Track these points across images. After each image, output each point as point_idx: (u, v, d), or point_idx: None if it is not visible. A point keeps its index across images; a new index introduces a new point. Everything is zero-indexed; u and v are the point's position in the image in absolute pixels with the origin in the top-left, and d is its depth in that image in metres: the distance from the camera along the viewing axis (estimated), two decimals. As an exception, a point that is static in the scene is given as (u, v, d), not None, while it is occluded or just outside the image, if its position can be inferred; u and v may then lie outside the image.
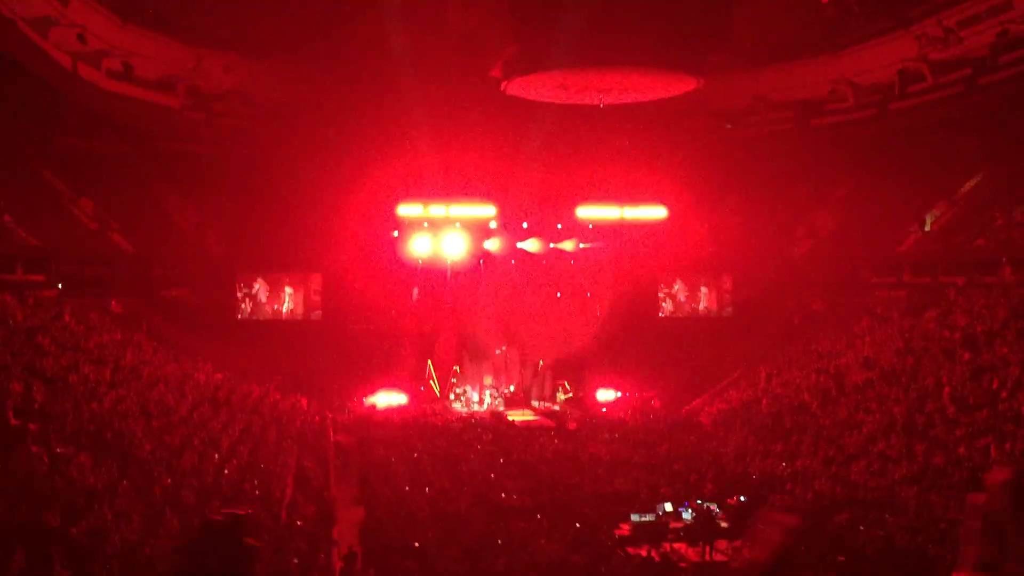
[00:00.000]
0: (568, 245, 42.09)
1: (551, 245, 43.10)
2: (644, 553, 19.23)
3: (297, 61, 38.28)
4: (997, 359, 24.91)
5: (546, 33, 27.81)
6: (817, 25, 37.39)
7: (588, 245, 42.32)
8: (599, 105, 33.54)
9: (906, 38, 35.13)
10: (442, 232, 41.49)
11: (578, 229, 42.21)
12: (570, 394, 39.16)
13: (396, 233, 40.92)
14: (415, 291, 41.44)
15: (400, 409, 35.77)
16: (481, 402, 38.29)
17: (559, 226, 41.90)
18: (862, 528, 18.81)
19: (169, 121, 38.33)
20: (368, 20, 34.39)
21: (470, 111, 37.80)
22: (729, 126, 42.60)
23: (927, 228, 36.08)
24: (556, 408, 37.66)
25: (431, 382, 38.85)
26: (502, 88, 32.65)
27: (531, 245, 41.98)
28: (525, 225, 41.79)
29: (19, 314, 24.99)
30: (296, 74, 39.03)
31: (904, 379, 26.57)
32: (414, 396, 37.65)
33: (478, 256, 42.54)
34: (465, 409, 37.29)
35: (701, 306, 42.22)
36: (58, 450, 16.59)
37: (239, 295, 39.31)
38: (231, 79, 38.24)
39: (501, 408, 37.28)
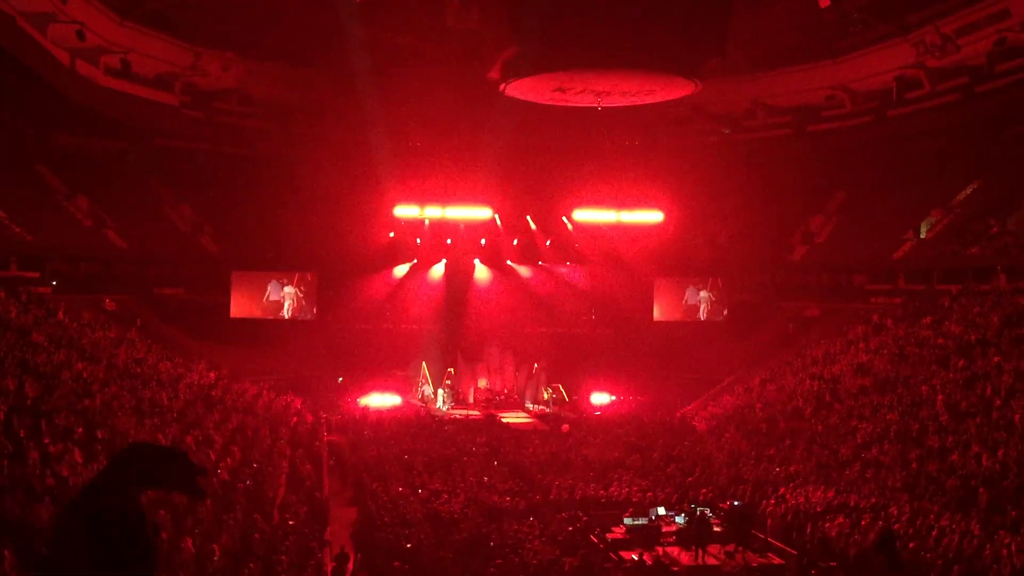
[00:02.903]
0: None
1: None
2: (637, 557, 19.23)
3: (295, 61, 38.26)
4: (991, 367, 24.96)
5: (544, 36, 27.77)
6: (816, 31, 37.44)
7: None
8: (597, 108, 33.51)
9: (904, 45, 35.20)
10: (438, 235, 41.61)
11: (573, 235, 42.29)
12: (564, 397, 39.09)
13: (392, 234, 40.92)
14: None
15: (393, 410, 35.72)
16: (475, 402, 38.35)
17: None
18: (857, 536, 18.80)
19: (167, 119, 38.24)
20: (367, 22, 34.38)
21: (468, 113, 37.80)
22: (727, 131, 42.64)
23: (923, 235, 36.11)
24: (549, 411, 37.60)
25: (424, 385, 38.77)
26: (500, 90, 32.59)
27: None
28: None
29: (13, 310, 24.93)
30: (295, 74, 39.04)
31: (898, 386, 26.60)
32: (407, 397, 37.64)
33: (473, 258, 42.61)
34: (451, 408, 37.24)
35: (695, 310, 42.14)
36: (50, 447, 16.51)
37: (235, 293, 39.04)
38: (230, 77, 38.16)
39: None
